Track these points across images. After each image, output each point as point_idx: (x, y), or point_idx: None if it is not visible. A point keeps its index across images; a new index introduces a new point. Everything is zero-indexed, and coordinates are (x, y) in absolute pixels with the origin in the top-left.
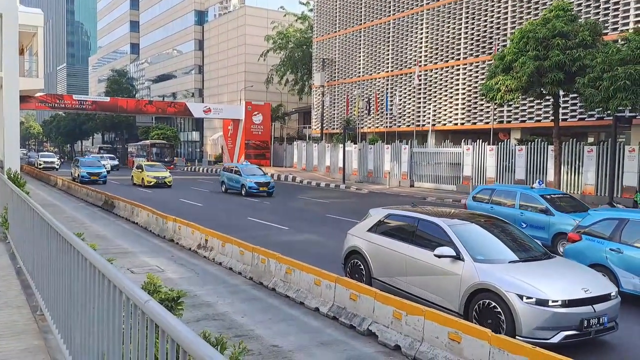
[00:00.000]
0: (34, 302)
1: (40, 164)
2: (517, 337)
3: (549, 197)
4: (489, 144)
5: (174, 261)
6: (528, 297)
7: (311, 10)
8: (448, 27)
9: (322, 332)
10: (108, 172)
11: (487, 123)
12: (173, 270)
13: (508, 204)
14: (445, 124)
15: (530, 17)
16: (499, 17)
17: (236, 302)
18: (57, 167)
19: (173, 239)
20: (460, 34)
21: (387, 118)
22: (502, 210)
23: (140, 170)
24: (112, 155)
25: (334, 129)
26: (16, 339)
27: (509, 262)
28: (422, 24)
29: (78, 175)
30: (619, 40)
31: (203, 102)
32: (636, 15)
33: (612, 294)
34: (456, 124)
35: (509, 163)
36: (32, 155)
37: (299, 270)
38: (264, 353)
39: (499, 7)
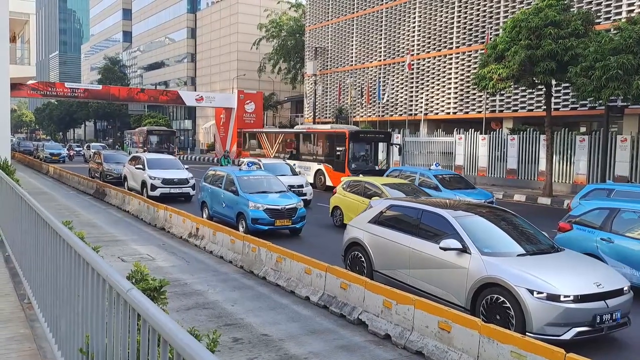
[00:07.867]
0: (22, 290)
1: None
2: (527, 333)
3: None
4: (481, 133)
5: (165, 249)
6: (539, 292)
7: None
8: (441, 15)
9: (312, 320)
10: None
11: (480, 112)
12: (164, 259)
13: None
14: (437, 113)
15: (523, 6)
16: (491, 6)
17: (226, 290)
18: None
19: (164, 227)
20: (452, 23)
21: (379, 107)
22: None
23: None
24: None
25: (326, 117)
26: (2, 327)
27: (517, 255)
28: (414, 13)
29: None
30: (612, 30)
31: (195, 90)
32: (629, 5)
33: (624, 289)
34: (448, 113)
35: (501, 152)
36: (109, 157)
37: (289, 259)
38: (253, 342)
39: None
